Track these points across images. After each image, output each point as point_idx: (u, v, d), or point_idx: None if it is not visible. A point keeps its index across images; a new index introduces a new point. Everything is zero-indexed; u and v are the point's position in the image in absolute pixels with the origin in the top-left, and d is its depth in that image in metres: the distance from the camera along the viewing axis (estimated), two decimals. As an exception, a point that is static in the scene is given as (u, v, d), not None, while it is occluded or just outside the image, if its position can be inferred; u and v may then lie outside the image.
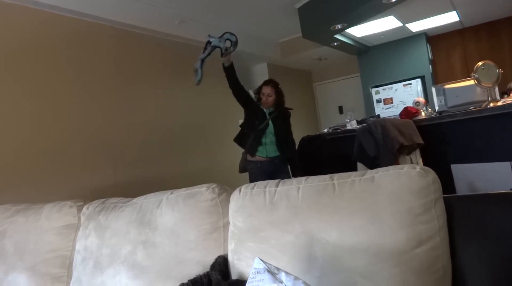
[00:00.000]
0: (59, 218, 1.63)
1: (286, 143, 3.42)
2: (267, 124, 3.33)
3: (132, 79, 3.87)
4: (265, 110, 3.38)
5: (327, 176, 1.11)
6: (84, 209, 1.64)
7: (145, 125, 3.93)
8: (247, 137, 3.34)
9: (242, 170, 3.43)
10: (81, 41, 3.44)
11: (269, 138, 3.33)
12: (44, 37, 3.16)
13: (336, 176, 1.10)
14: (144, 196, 1.49)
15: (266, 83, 3.40)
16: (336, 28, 4.73)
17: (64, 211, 1.65)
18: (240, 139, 3.42)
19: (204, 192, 1.30)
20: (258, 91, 3.40)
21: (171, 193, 1.39)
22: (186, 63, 4.47)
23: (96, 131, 3.43)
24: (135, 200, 1.50)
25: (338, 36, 5.25)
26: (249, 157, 3.35)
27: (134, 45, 3.96)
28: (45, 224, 1.64)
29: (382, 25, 5.39)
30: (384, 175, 1.00)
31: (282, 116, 3.43)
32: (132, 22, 3.81)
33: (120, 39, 3.81)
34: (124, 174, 3.57)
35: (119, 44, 3.79)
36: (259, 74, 6.45)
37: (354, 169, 3.10)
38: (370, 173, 1.03)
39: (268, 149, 3.32)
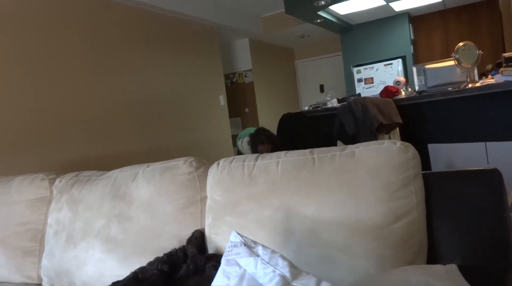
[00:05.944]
0: (30, 191, 1.58)
1: None
2: None
3: (104, 51, 3.71)
4: None
5: (307, 151, 1.09)
6: (57, 182, 1.58)
7: (120, 98, 3.81)
8: None
9: None
10: (50, 11, 3.26)
11: None
12: (12, 6, 2.98)
13: (316, 150, 1.08)
14: (119, 169, 1.44)
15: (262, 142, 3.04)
16: (320, 4, 4.66)
17: (36, 184, 1.59)
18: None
19: (181, 166, 1.27)
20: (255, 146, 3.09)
21: (148, 166, 1.35)
22: (161, 35, 4.33)
23: (68, 104, 3.31)
24: (110, 173, 1.46)
25: (321, 13, 5.18)
26: None
27: (105, 13, 3.78)
28: (15, 197, 1.58)
29: (366, 2, 5.33)
30: (365, 150, 0.99)
31: None
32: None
33: (91, 8, 3.63)
34: (98, 148, 3.49)
35: (89, 13, 3.61)
36: (240, 49, 6.34)
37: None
38: (351, 148, 1.02)
39: None
